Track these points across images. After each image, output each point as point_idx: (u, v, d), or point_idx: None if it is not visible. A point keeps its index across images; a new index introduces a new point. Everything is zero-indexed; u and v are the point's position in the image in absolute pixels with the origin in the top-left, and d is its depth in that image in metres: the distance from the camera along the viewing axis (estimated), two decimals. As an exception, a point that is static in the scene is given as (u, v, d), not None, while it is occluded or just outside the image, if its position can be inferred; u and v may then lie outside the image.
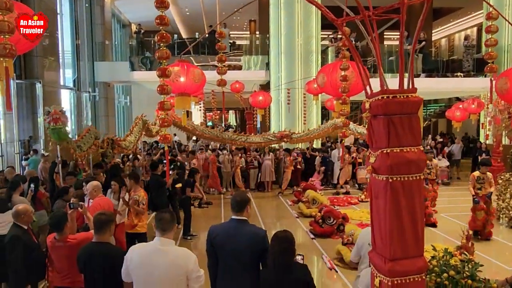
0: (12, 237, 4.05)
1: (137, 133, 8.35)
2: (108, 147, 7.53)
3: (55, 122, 5.73)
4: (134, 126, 8.51)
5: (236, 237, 3.17)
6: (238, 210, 3.25)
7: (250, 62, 18.13)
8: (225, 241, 3.20)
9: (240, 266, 3.16)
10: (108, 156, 7.63)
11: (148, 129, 8.80)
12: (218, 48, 6.52)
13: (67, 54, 15.73)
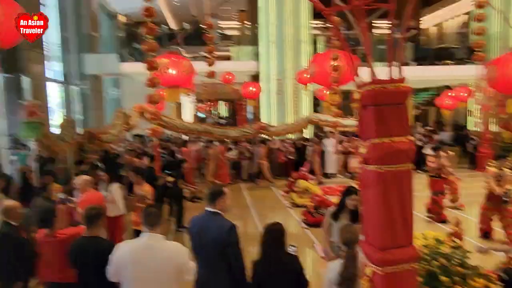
0: (2, 234, 4.01)
1: (119, 127, 8.04)
2: (86, 142, 7.29)
3: (30, 115, 5.50)
4: (115, 120, 8.19)
5: (204, 228, 3.20)
6: (210, 201, 3.27)
7: (240, 52, 18.01)
8: (195, 231, 3.26)
9: (210, 255, 3.18)
10: (86, 151, 7.42)
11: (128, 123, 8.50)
12: (206, 39, 6.45)
13: (54, 47, 15.47)
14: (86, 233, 3.41)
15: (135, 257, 2.83)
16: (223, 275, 3.15)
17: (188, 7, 20.11)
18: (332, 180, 12.48)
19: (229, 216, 3.37)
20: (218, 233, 3.13)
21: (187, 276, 2.93)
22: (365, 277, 2.31)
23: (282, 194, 10.79)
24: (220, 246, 3.12)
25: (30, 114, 5.40)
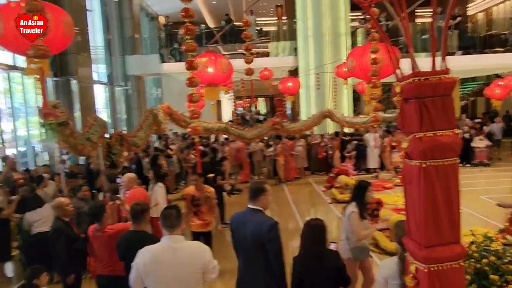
0: (55, 229, 4.26)
1: (147, 129, 7.77)
2: (116, 143, 7.04)
3: (46, 117, 5.25)
4: (144, 121, 7.98)
5: (246, 225, 3.21)
6: (252, 198, 3.27)
7: (278, 48, 17.95)
8: (237, 228, 3.29)
9: (251, 251, 3.20)
10: (115, 153, 7.14)
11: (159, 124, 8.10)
12: (244, 37, 6.49)
13: (100, 50, 16.15)
14: (132, 228, 3.56)
15: (159, 261, 2.78)
16: (263, 271, 3.17)
17: (225, 5, 20.30)
18: (374, 175, 12.21)
19: (270, 212, 3.40)
20: (258, 230, 3.13)
21: (211, 275, 2.90)
22: (410, 274, 2.25)
23: (323, 190, 10.70)
24: (260, 243, 3.13)
25: (46, 116, 5.20)
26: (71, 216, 4.55)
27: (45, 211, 5.58)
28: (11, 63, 10.46)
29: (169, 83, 21.77)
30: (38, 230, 5.51)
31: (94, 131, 6.19)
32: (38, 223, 5.53)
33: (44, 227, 5.44)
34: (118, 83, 17.13)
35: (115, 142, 6.82)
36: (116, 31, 17.16)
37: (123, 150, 7.19)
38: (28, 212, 5.61)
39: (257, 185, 3.34)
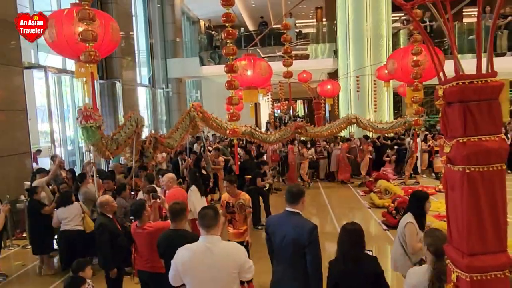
0: (100, 225, 4.45)
1: (183, 130, 7.57)
2: (150, 147, 6.90)
3: (86, 120, 5.27)
4: (180, 122, 7.67)
5: (284, 228, 3.21)
6: (292, 202, 3.27)
7: (317, 50, 17.85)
8: (275, 231, 3.28)
9: (289, 254, 3.20)
10: (148, 156, 6.96)
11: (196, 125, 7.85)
12: (283, 40, 6.50)
13: (142, 54, 16.73)
14: (172, 227, 3.67)
15: (196, 261, 2.82)
16: (300, 274, 3.18)
17: (265, 8, 20.41)
18: (414, 181, 11.86)
19: (307, 214, 3.39)
20: (298, 233, 3.14)
21: (247, 275, 2.90)
22: (451, 283, 2.18)
23: (361, 194, 10.52)
24: (300, 246, 3.13)
25: (86, 119, 5.25)
26: (114, 212, 4.74)
27: (73, 210, 5.83)
28: (61, 66, 11.05)
29: (208, 86, 22.20)
30: (65, 227, 5.79)
31: (126, 130, 6.26)
32: (65, 221, 5.79)
33: (70, 225, 5.77)
34: (159, 86, 17.66)
35: (149, 145, 6.89)
36: (158, 35, 17.72)
37: (156, 153, 7.20)
38: (58, 209, 5.87)
39: (297, 188, 3.36)
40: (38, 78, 10.25)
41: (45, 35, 4.75)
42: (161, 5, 18.03)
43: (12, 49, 8.35)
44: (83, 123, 5.29)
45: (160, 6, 17.92)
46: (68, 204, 5.83)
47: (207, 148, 10.86)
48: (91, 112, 5.23)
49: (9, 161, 8.10)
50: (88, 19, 3.59)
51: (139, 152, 6.80)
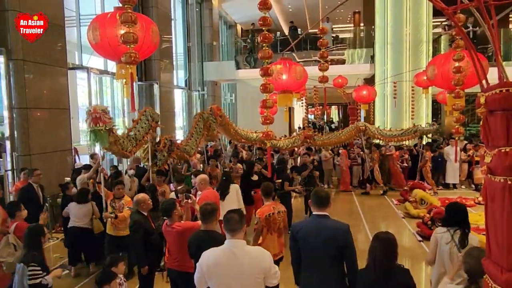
0: (135, 222, 4.58)
1: (198, 136, 7.28)
2: (164, 150, 6.59)
3: (95, 122, 5.02)
4: (194, 127, 7.34)
5: (319, 231, 3.19)
6: (321, 205, 3.27)
7: (354, 55, 17.62)
8: (307, 235, 3.24)
9: (323, 259, 3.16)
10: (161, 159, 6.62)
11: (210, 128, 7.48)
12: (320, 44, 6.46)
13: (180, 56, 17.11)
14: (203, 228, 3.71)
15: (221, 265, 2.81)
16: (335, 277, 3.14)
17: (302, 12, 20.36)
18: (454, 191, 11.44)
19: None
20: (333, 234, 3.14)
21: (272, 281, 2.87)
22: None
23: (396, 204, 10.26)
24: (337, 248, 3.12)
25: (95, 121, 4.98)
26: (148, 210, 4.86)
27: (85, 209, 5.96)
28: (102, 67, 11.48)
29: (243, 89, 22.40)
30: (73, 224, 5.98)
31: (141, 127, 6.06)
32: (74, 218, 5.96)
33: (78, 223, 5.94)
34: (195, 88, 17.98)
35: (163, 148, 6.62)
36: (196, 39, 18.07)
37: (172, 156, 6.83)
38: (71, 203, 6.05)
39: (325, 193, 3.38)
40: (81, 79, 10.69)
41: (89, 37, 4.97)
42: (199, 9, 18.39)
43: (59, 51, 8.76)
44: (92, 126, 5.04)
45: (198, 10, 18.29)
46: (83, 202, 5.99)
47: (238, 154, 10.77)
48: (101, 114, 5.02)
49: (52, 157, 8.48)
50: (130, 21, 3.73)
51: (153, 153, 6.58)
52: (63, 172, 8.43)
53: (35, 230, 3.98)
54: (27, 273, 3.57)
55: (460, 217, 3.65)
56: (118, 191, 5.86)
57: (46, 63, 8.33)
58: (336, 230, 3.17)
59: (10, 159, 7.78)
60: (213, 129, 7.51)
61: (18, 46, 7.65)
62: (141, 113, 6.32)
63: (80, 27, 10.69)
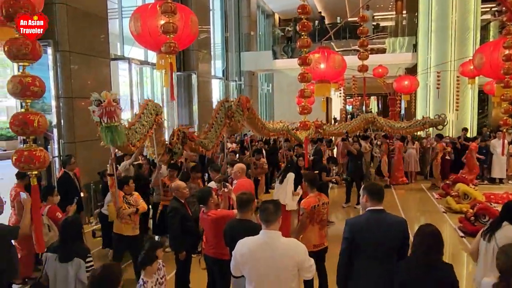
0: (172, 208, 4.69)
1: (219, 126, 6.45)
2: (179, 142, 5.87)
3: (110, 117, 4.03)
4: (214, 117, 6.46)
5: (378, 227, 3.12)
6: (377, 199, 3.21)
7: (395, 44, 17.06)
8: (361, 232, 3.15)
9: (384, 253, 3.11)
10: (177, 152, 5.93)
11: (233, 117, 6.58)
12: (360, 32, 6.29)
13: (217, 47, 17.23)
14: (238, 216, 3.75)
15: (254, 255, 2.79)
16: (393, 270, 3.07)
17: (341, 1, 19.90)
18: (500, 186, 10.91)
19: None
20: (396, 229, 3.13)
21: (307, 274, 2.82)
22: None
23: (437, 198, 9.92)
24: (398, 242, 3.11)
25: (110, 115, 4.03)
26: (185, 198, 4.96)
27: (108, 196, 5.88)
28: (143, 58, 11.76)
29: (280, 79, 22.29)
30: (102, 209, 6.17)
31: (144, 120, 5.39)
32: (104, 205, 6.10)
33: (103, 208, 6.08)
34: (232, 78, 18.08)
35: (177, 140, 5.92)
36: (233, 29, 18.11)
37: (185, 149, 6.13)
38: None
39: (380, 187, 3.35)
40: (122, 69, 11.01)
41: (131, 28, 5.10)
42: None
43: (102, 42, 9.05)
44: (107, 122, 4.05)
45: (236, 0, 18.29)
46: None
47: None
48: (116, 107, 4.10)
49: (94, 145, 8.77)
50: (170, 12, 3.79)
51: (167, 148, 5.85)
52: (106, 159, 8.73)
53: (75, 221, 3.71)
54: (84, 266, 3.43)
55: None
56: (128, 188, 5.32)
57: (90, 54, 8.63)
58: (397, 224, 3.16)
59: (57, 146, 8.14)
60: (238, 121, 6.80)
61: (65, 38, 7.95)
62: (143, 106, 5.55)
63: (122, 19, 10.99)
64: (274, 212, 2.85)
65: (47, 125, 3.00)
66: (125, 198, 5.25)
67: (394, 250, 3.12)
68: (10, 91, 2.66)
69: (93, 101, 4.05)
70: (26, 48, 2.51)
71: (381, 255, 3.12)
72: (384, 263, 3.11)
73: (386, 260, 3.11)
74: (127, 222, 5.15)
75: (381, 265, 3.12)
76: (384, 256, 3.12)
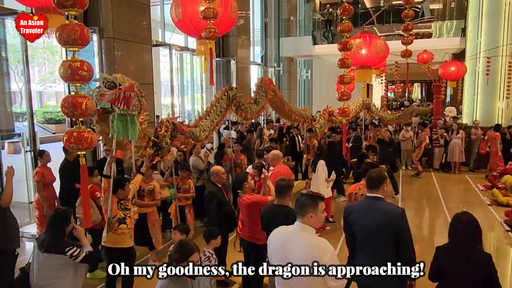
0: (209, 192, 4.79)
1: (217, 117, 5.45)
2: (167, 135, 4.51)
3: (126, 104, 3.33)
4: (213, 105, 5.42)
5: (371, 214, 3.07)
6: (373, 187, 3.16)
7: (442, 28, 16.27)
8: (359, 218, 3.15)
9: (374, 243, 3.06)
10: (163, 148, 4.45)
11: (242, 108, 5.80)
12: (404, 16, 6.04)
13: (256, 32, 17.15)
14: (276, 202, 3.79)
15: (282, 244, 2.68)
16: (390, 261, 3.03)
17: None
18: None
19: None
20: (387, 218, 3.02)
21: (330, 282, 2.53)
22: None
23: (482, 189, 9.50)
24: (390, 233, 2.99)
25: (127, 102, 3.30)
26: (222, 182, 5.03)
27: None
28: (183, 44, 11.93)
29: (319, 65, 21.93)
30: None
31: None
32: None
33: None
34: (271, 64, 17.98)
35: (165, 133, 4.55)
36: (273, 14, 17.93)
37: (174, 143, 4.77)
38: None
39: (378, 173, 3.24)
40: (163, 56, 11.23)
41: (172, 14, 5.17)
42: (277, -17, 18.17)
43: (144, 29, 9.24)
44: (122, 108, 3.33)
45: (276, -16, 18.07)
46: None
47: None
48: (136, 93, 3.47)
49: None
50: (213, -1, 3.81)
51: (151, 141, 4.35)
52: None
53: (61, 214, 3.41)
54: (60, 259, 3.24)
55: None
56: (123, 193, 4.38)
57: (133, 41, 8.85)
58: (389, 214, 3.03)
59: None
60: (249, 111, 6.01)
61: (109, 25, 8.19)
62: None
63: (163, 5, 11.16)
64: (305, 205, 2.66)
65: (94, 107, 3.10)
66: (120, 204, 4.33)
67: (384, 240, 3.02)
68: (61, 75, 2.78)
69: (103, 82, 3.30)
70: (75, 34, 2.61)
71: (370, 243, 3.08)
72: (374, 252, 3.06)
73: (376, 249, 3.06)
74: (123, 232, 4.28)
75: (372, 253, 3.08)
76: (374, 244, 3.07)
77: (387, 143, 9.33)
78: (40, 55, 8.08)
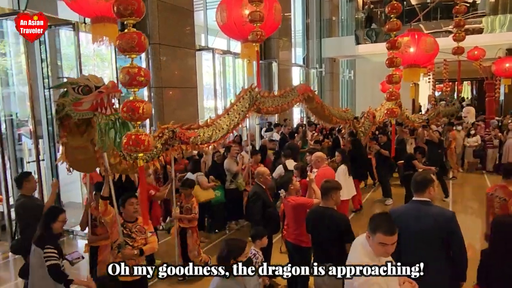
0: (254, 193, 4.81)
1: (237, 116, 5.04)
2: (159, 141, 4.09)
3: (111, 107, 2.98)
4: (234, 104, 5.10)
5: (420, 218, 2.99)
6: (418, 190, 3.08)
7: (494, 23, 15.44)
8: (408, 222, 3.03)
9: (426, 248, 2.95)
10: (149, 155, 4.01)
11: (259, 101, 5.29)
12: (455, 12, 5.79)
13: (298, 33, 17.06)
14: (322, 204, 3.75)
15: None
16: (440, 265, 2.93)
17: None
18: None
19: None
20: (437, 221, 2.95)
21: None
22: None
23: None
24: (440, 237, 2.93)
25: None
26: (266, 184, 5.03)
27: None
28: (225, 48, 12.09)
29: (362, 65, 21.48)
30: None
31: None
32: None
33: None
34: (313, 65, 17.82)
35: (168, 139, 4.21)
36: (314, 15, 17.77)
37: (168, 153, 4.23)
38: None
39: (424, 176, 3.17)
40: (206, 59, 11.44)
41: (217, 18, 5.27)
42: (319, -17, 18.00)
43: (188, 34, 9.47)
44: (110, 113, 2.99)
45: (318, -15, 17.92)
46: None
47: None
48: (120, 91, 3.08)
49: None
50: (257, 0, 3.84)
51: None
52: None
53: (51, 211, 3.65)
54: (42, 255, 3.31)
55: None
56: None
57: (178, 46, 9.09)
58: (439, 217, 2.96)
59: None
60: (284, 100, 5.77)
61: (155, 31, 8.47)
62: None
63: (206, 10, 11.38)
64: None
65: (151, 112, 3.18)
66: (125, 227, 3.65)
67: (434, 244, 2.95)
68: (121, 81, 2.83)
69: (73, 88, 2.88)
70: (133, 42, 2.70)
71: (420, 247, 2.98)
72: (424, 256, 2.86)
73: (425, 253, 2.94)
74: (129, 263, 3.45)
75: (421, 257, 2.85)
76: (424, 248, 2.97)
77: (436, 144, 8.95)
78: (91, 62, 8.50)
